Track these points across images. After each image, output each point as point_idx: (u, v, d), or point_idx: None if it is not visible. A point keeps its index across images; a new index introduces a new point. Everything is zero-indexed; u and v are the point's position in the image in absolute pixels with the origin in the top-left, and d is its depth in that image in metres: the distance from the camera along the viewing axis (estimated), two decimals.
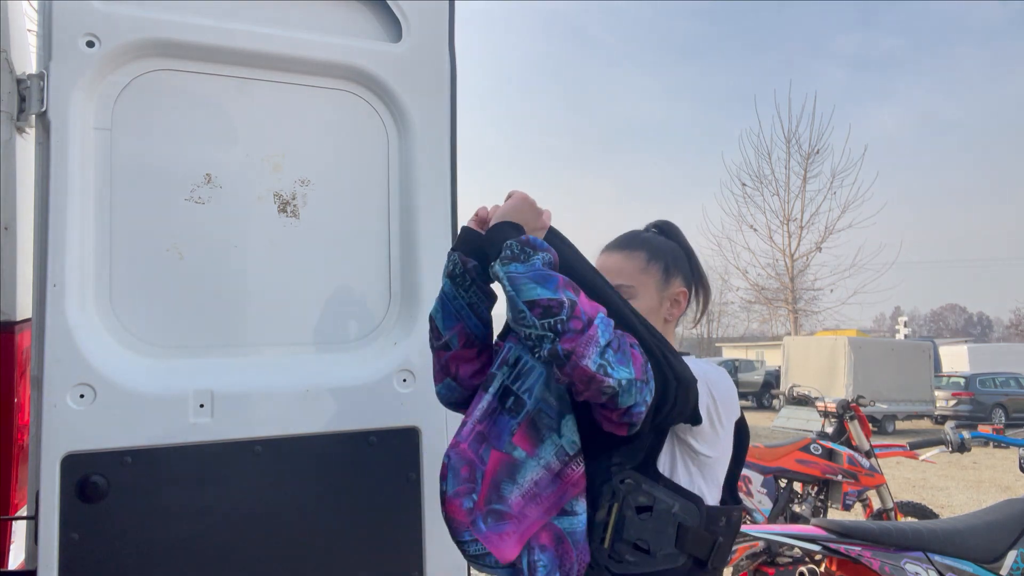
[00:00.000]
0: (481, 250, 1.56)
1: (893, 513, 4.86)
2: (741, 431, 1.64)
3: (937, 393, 20.18)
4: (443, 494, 1.49)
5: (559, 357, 1.31)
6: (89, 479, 1.73)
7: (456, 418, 2.10)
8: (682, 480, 1.52)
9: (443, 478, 1.50)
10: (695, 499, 1.50)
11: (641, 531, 1.47)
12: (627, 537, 1.47)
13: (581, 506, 1.49)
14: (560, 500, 1.48)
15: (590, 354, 1.31)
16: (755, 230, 25.34)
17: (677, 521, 1.48)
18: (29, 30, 2.08)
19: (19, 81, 1.84)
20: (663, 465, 1.51)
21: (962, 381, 20.76)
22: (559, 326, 1.31)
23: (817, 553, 2.87)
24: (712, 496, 1.55)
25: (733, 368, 26.49)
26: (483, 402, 1.54)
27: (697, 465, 1.53)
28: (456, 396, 1.69)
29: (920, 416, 20.10)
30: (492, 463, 1.48)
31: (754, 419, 20.52)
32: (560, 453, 1.49)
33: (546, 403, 1.51)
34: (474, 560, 1.49)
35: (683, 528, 1.48)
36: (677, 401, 1.42)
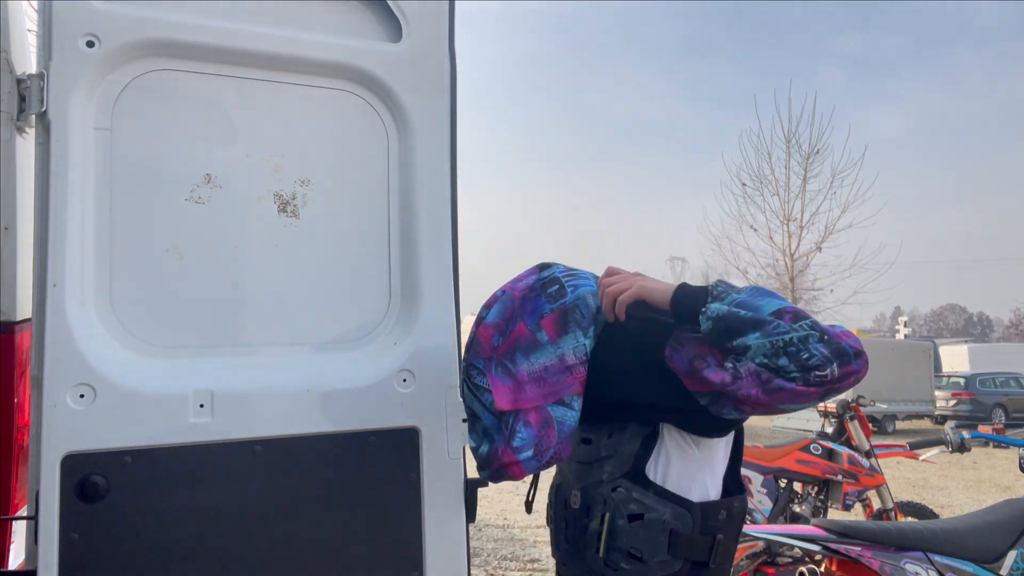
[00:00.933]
0: None
1: (893, 513, 4.86)
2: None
3: (937, 393, 20.18)
4: (481, 318, 1.62)
5: (844, 352, 1.31)
6: (89, 479, 1.73)
7: (456, 419, 2.10)
8: (680, 479, 1.51)
9: (488, 306, 1.63)
10: (687, 504, 1.49)
11: (633, 539, 1.48)
12: (620, 546, 1.48)
13: (578, 403, 1.55)
14: (561, 391, 1.55)
15: (852, 337, 1.33)
16: (755, 230, 25.31)
17: (669, 528, 1.48)
18: (29, 30, 2.08)
19: (19, 81, 1.84)
20: (655, 470, 1.51)
21: (962, 381, 20.77)
22: (819, 324, 1.32)
23: (817, 553, 2.87)
24: (714, 488, 1.54)
25: None
26: (531, 278, 1.65)
27: (695, 461, 1.53)
28: None
29: (920, 416, 20.10)
30: (517, 331, 1.58)
31: (754, 419, 20.49)
32: (579, 350, 1.55)
33: (584, 303, 1.58)
34: (472, 388, 1.61)
35: (675, 535, 1.48)
36: None
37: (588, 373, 1.57)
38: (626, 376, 1.54)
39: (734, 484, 1.60)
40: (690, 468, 1.52)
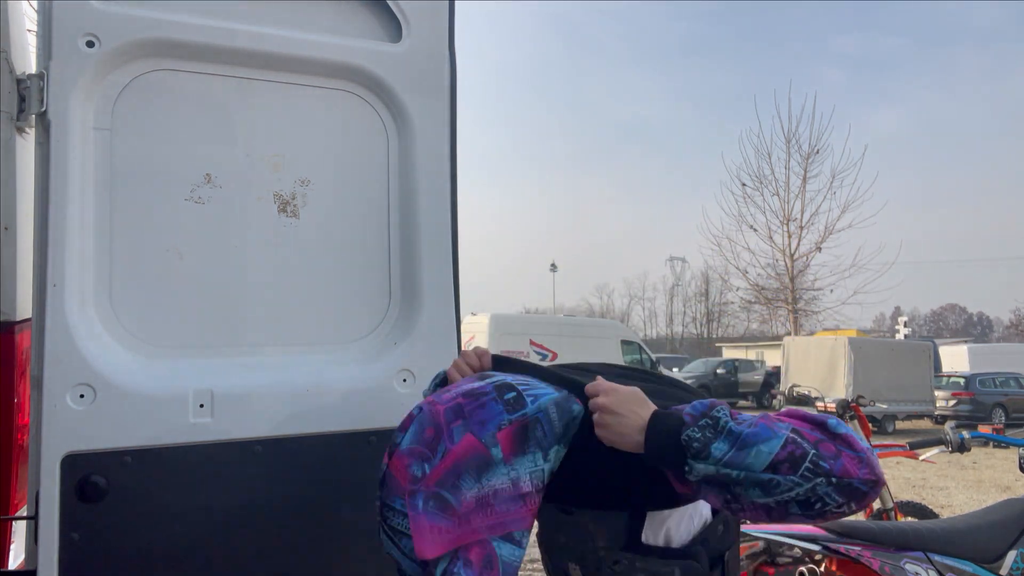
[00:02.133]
0: None
1: (893, 513, 4.85)
2: None
3: (937, 393, 20.18)
4: (394, 445, 1.33)
5: (855, 490, 1.15)
6: (89, 479, 1.73)
7: None
8: (676, 532, 1.43)
9: (402, 429, 1.34)
10: (692, 553, 1.42)
11: None
12: None
13: (526, 540, 1.33)
14: (510, 523, 1.30)
15: (864, 460, 1.15)
16: (755, 230, 25.34)
17: None
18: (29, 30, 2.08)
19: (19, 81, 1.84)
20: (651, 535, 1.42)
21: (962, 381, 20.77)
22: (822, 463, 1.15)
23: (817, 553, 2.87)
24: (704, 512, 1.48)
25: (733, 368, 26.51)
26: (473, 384, 1.38)
27: (684, 511, 1.46)
28: None
29: (920, 416, 20.10)
30: (463, 446, 1.29)
31: None
32: (536, 476, 1.32)
33: (547, 418, 1.35)
34: (389, 532, 1.31)
35: None
36: None
37: (570, 451, 1.38)
38: (613, 463, 1.37)
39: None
40: (682, 517, 1.46)
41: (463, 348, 2.25)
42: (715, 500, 1.27)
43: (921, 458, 4.88)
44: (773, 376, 25.58)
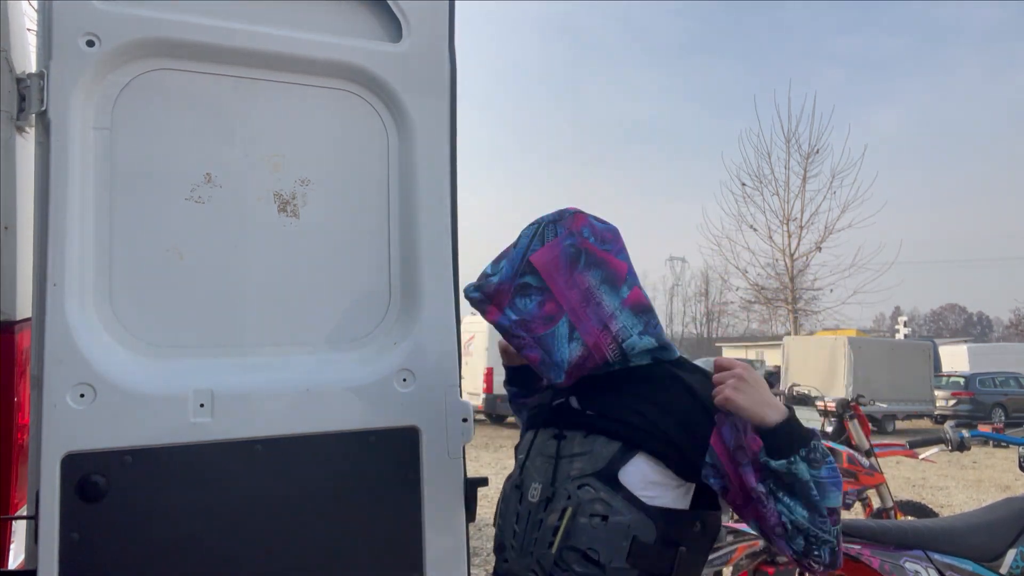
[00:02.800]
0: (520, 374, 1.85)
1: (893, 512, 4.86)
2: None
3: (937, 393, 20.18)
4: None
5: (832, 564, 1.39)
6: (89, 479, 1.73)
7: (456, 419, 2.10)
8: (651, 489, 1.44)
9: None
10: (653, 513, 1.43)
11: (592, 540, 1.41)
12: (577, 544, 1.41)
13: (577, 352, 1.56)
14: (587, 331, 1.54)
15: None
16: (755, 230, 25.33)
17: (632, 534, 1.41)
18: (29, 30, 2.08)
19: (19, 80, 1.84)
20: (627, 476, 1.44)
21: (962, 381, 20.77)
22: (839, 535, 1.39)
23: None
24: (685, 498, 1.48)
25: None
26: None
27: (668, 477, 1.47)
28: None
29: (920, 416, 20.10)
30: (619, 264, 1.60)
31: None
32: (621, 331, 1.54)
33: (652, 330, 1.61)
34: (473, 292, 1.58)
35: (637, 542, 1.41)
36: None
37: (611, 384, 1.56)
38: (641, 398, 1.51)
39: (707, 496, 1.52)
40: (664, 483, 1.46)
41: (463, 348, 2.25)
42: (751, 475, 1.40)
43: (921, 457, 4.89)
44: (773, 376, 25.55)
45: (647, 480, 1.44)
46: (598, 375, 1.56)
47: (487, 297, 1.54)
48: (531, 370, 1.73)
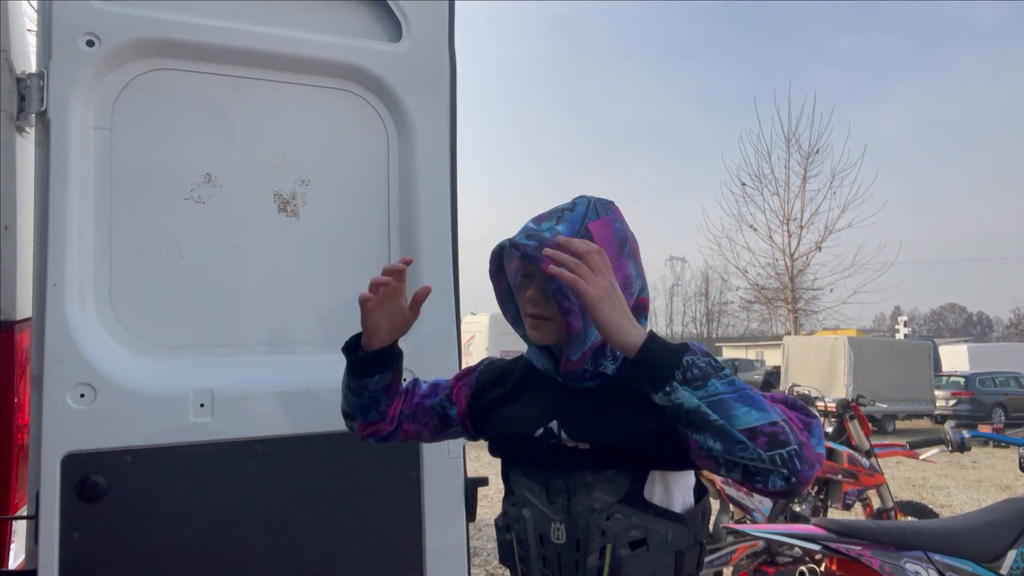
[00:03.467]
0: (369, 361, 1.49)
1: (893, 512, 4.85)
2: None
3: (937, 393, 20.17)
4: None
5: (791, 486, 1.17)
6: (89, 479, 1.73)
7: None
8: (670, 496, 1.38)
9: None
10: (683, 519, 1.38)
11: (639, 569, 1.32)
12: None
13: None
14: None
15: (813, 467, 1.17)
16: (755, 230, 25.33)
17: (675, 549, 1.34)
18: (29, 30, 2.08)
19: (19, 80, 1.84)
20: (651, 491, 1.36)
21: (962, 381, 20.76)
22: (795, 462, 1.15)
23: (817, 552, 2.87)
24: (692, 494, 1.44)
25: (733, 367, 26.52)
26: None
27: (680, 477, 1.41)
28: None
29: (920, 416, 20.09)
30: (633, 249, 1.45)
31: None
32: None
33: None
34: None
35: (679, 555, 1.35)
36: None
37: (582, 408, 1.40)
38: (623, 421, 1.36)
39: (699, 485, 1.47)
40: (681, 482, 1.41)
41: (463, 348, 2.25)
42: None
43: (921, 457, 4.88)
44: (773, 376, 25.58)
45: (669, 486, 1.39)
46: (574, 392, 1.43)
47: (537, 254, 1.32)
48: (385, 357, 1.51)
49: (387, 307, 1.50)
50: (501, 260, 1.49)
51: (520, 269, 1.45)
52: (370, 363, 1.51)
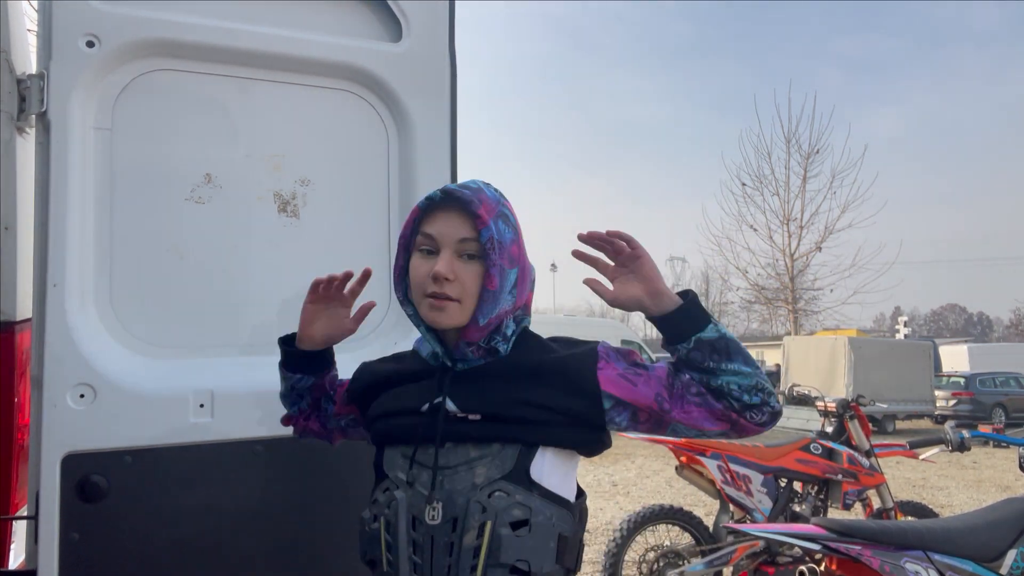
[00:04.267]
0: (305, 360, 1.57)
1: (893, 512, 4.86)
2: None
3: (937, 393, 20.17)
4: None
5: (775, 417, 1.37)
6: (89, 479, 1.73)
7: None
8: (558, 479, 1.35)
9: None
10: (566, 503, 1.35)
11: (520, 550, 1.27)
12: (504, 560, 1.26)
13: None
14: None
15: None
16: (755, 230, 25.34)
17: (557, 532, 1.30)
18: (29, 30, 2.08)
19: (19, 81, 1.84)
20: (538, 470, 1.32)
21: (962, 381, 20.76)
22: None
23: (817, 552, 2.87)
24: (575, 488, 1.41)
25: None
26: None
27: (570, 461, 1.39)
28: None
29: (920, 416, 20.09)
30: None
31: None
32: None
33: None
34: None
35: (562, 539, 1.31)
36: None
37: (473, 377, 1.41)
38: (515, 393, 1.36)
39: (579, 490, 1.44)
40: (566, 467, 1.38)
41: None
42: (654, 388, 1.38)
43: (921, 458, 4.89)
44: (773, 376, 25.58)
45: (556, 469, 1.35)
46: (464, 373, 1.41)
47: (473, 200, 1.34)
48: (312, 361, 1.57)
49: (328, 312, 1.55)
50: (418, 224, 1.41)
51: (423, 244, 1.39)
52: (295, 360, 1.56)
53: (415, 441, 1.38)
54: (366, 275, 1.52)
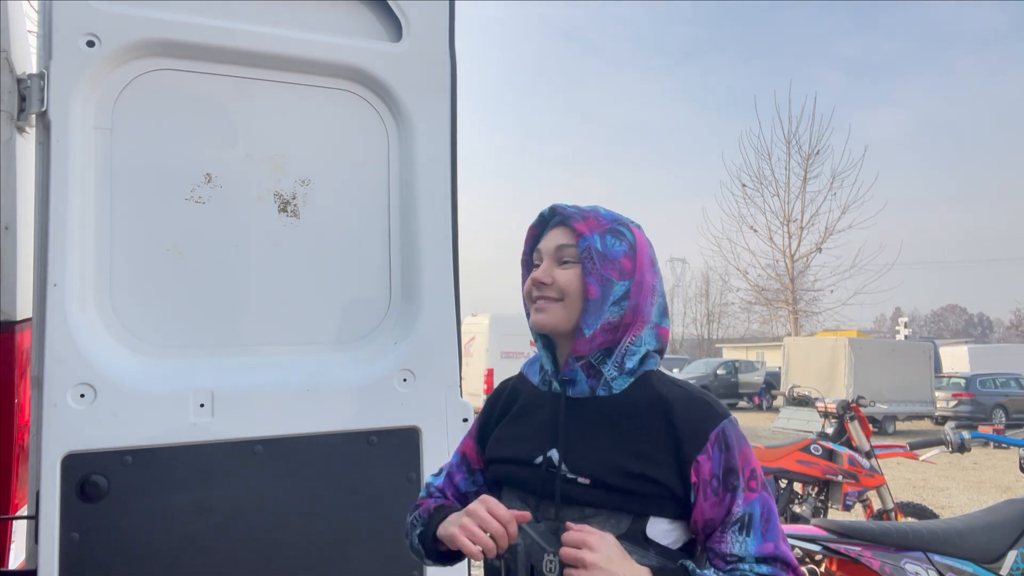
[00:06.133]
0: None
1: (893, 513, 4.85)
2: None
3: (937, 394, 20.16)
4: None
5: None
6: (89, 479, 1.73)
7: (456, 419, 2.10)
8: (671, 540, 1.34)
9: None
10: (680, 558, 1.33)
11: None
12: None
13: None
14: None
15: None
16: (755, 231, 25.35)
17: None
18: (29, 31, 2.08)
19: (19, 81, 1.84)
20: (656, 530, 1.32)
21: (962, 382, 20.75)
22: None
23: (817, 553, 2.87)
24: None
25: (734, 369, 26.51)
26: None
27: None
28: None
29: (920, 417, 20.08)
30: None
31: (754, 420, 20.50)
32: None
33: None
34: None
35: None
36: None
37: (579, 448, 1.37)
38: (626, 460, 1.32)
39: None
40: (673, 526, 1.34)
41: (463, 349, 2.24)
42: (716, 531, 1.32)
43: (921, 459, 4.88)
44: (773, 377, 25.59)
45: (670, 528, 1.34)
46: (573, 408, 1.40)
47: (575, 215, 1.38)
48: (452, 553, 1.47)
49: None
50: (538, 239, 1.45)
51: (534, 260, 1.44)
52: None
53: (529, 492, 1.39)
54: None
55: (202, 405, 1.87)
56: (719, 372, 26.15)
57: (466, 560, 1.50)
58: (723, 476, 1.31)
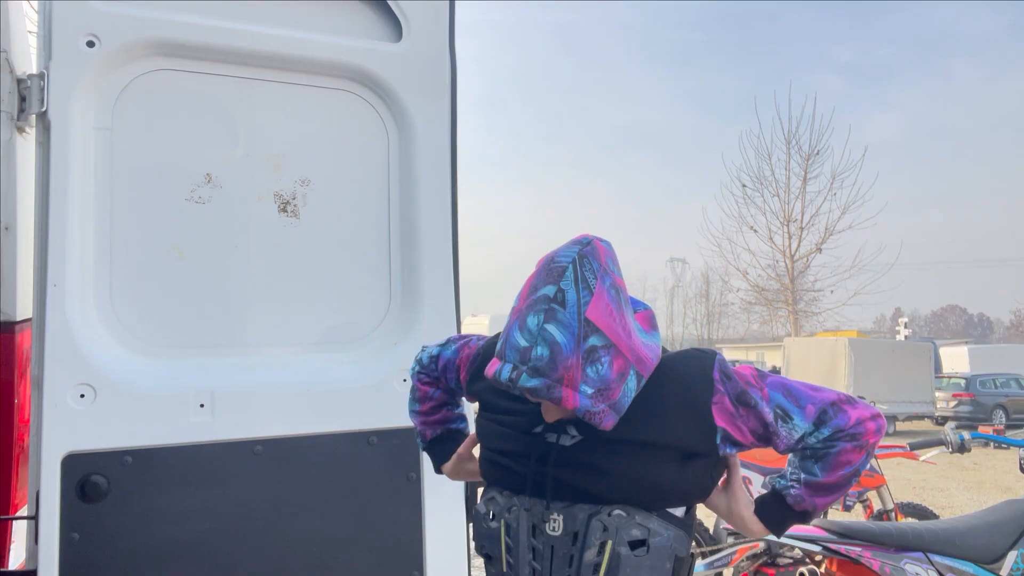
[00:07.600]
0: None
1: (893, 514, 4.85)
2: None
3: (937, 394, 20.16)
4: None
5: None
6: (89, 479, 1.73)
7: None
8: (682, 497, 1.37)
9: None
10: (684, 525, 1.37)
11: (638, 569, 1.29)
12: None
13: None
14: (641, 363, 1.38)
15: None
16: (755, 231, 25.33)
17: (673, 554, 1.33)
18: (29, 31, 2.08)
19: (19, 81, 1.84)
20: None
21: (962, 382, 20.75)
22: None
23: (817, 554, 2.86)
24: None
25: None
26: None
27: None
28: None
29: (920, 417, 20.08)
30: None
31: None
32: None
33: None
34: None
35: (678, 560, 1.33)
36: None
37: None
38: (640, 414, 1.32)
39: None
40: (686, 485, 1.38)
41: None
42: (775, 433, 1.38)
43: (921, 459, 4.88)
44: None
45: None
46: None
47: (556, 381, 1.21)
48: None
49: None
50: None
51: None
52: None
53: (530, 458, 1.38)
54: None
55: (202, 405, 1.87)
56: None
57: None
58: (740, 401, 1.35)
